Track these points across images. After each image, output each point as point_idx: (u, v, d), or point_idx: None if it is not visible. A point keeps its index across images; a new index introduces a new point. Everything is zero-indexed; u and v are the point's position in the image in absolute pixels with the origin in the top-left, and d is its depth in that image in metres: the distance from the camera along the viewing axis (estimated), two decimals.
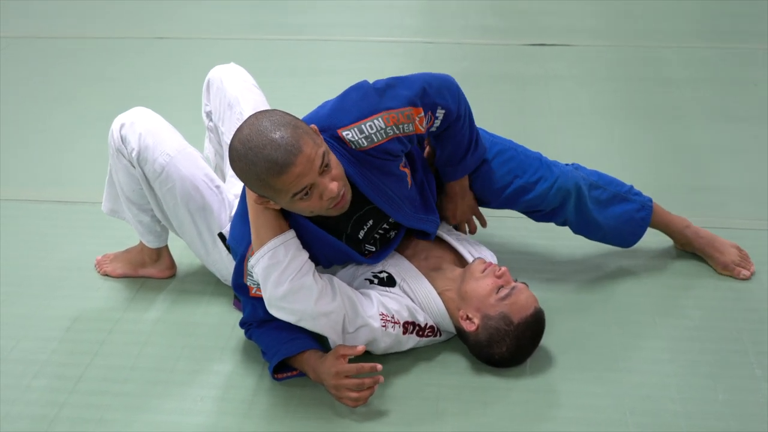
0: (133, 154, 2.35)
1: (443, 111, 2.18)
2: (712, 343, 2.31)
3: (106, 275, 2.68)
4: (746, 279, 2.54)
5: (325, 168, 1.95)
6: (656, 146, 3.41)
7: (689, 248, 2.65)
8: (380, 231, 2.27)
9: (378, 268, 2.30)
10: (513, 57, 4.43)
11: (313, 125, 2.03)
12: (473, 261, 2.28)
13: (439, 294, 2.25)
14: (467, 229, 2.53)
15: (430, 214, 2.35)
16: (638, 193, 2.59)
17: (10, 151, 3.45)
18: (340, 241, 2.19)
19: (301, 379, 2.21)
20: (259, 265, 2.07)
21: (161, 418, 2.11)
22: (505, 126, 3.56)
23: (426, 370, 2.25)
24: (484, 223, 2.57)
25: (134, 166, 2.38)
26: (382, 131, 2.09)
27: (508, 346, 2.16)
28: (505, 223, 2.85)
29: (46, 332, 2.42)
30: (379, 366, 2.09)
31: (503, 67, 4.31)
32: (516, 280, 2.23)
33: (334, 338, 2.13)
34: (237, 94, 2.59)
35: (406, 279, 2.26)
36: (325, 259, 2.25)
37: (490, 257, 2.39)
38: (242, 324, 2.31)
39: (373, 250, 2.28)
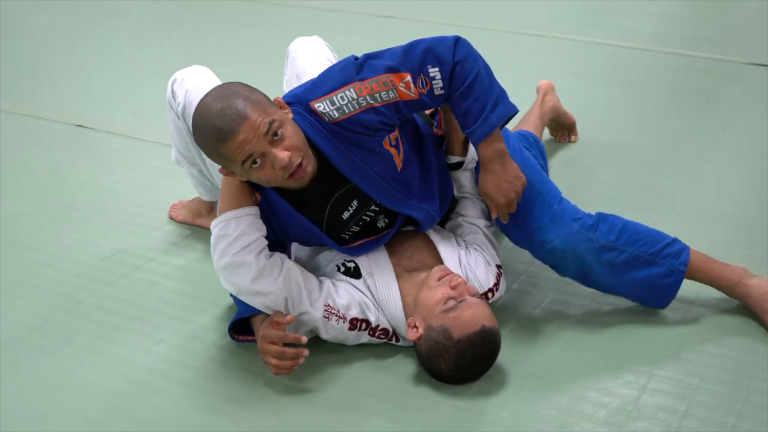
0: (179, 108, 2.48)
1: (436, 68, 2.03)
2: (678, 414, 1.96)
3: (171, 219, 2.86)
4: None
5: (274, 137, 1.93)
6: None
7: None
8: (369, 213, 2.19)
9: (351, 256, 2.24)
10: (717, 73, 4.01)
11: (276, 97, 2.02)
12: (434, 268, 2.12)
13: (402, 297, 2.14)
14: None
15: (425, 202, 2.21)
16: (672, 254, 2.22)
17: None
18: (312, 224, 2.14)
19: (252, 344, 2.22)
20: (212, 233, 2.10)
21: (114, 350, 2.23)
22: (654, 139, 3.28)
23: (374, 365, 2.14)
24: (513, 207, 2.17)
25: (179, 119, 2.51)
26: (354, 102, 2.01)
27: (446, 363, 2.00)
28: None
29: (86, 257, 2.64)
30: (304, 339, 2.04)
31: (699, 81, 3.92)
32: (477, 295, 2.06)
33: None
34: (306, 66, 2.62)
35: (374, 274, 2.16)
36: (299, 240, 2.23)
37: (483, 273, 2.20)
38: None
39: (357, 230, 2.21)
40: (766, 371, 2.08)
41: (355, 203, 2.15)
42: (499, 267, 2.26)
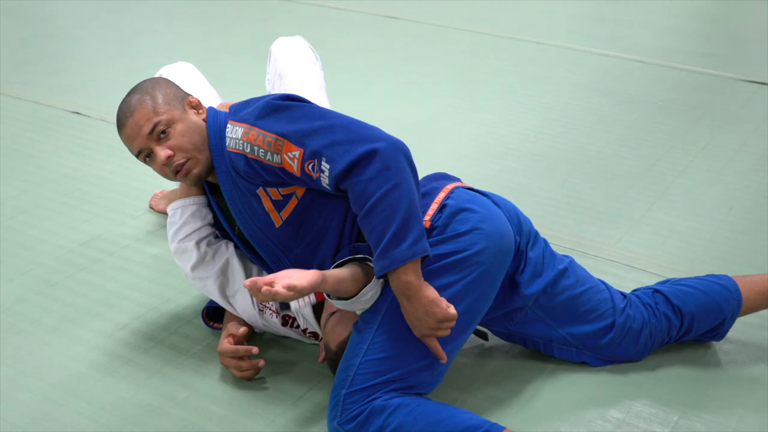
0: None
1: (329, 165, 1.85)
2: None
3: (151, 208, 2.94)
4: None
5: (162, 135, 2.01)
6: None
7: None
8: None
9: None
10: (713, 89, 4.03)
11: (191, 97, 2.09)
12: None
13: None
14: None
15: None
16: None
17: None
18: (231, 230, 2.17)
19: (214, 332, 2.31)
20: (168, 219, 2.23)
21: (79, 333, 2.31)
22: (637, 152, 3.32)
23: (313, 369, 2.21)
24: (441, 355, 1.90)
25: None
26: (236, 141, 1.97)
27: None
28: None
29: (66, 242, 2.72)
30: (255, 350, 2.12)
31: (693, 97, 3.95)
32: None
33: (216, 300, 2.20)
34: (288, 66, 2.69)
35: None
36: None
37: None
38: None
39: None
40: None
41: None
42: None
